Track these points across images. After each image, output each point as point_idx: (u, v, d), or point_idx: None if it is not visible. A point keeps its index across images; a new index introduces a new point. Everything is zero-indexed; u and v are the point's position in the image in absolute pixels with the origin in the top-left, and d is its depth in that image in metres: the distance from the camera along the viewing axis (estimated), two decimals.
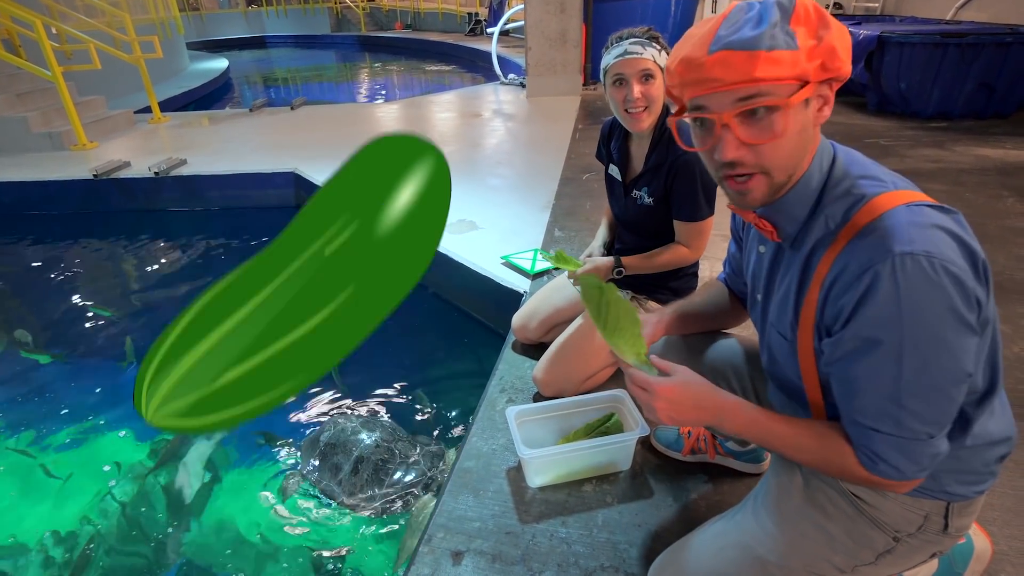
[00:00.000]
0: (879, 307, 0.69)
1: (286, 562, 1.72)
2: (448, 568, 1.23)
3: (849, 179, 0.77)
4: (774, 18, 0.68)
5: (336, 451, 1.94)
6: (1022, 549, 1.20)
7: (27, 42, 5.68)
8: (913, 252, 0.67)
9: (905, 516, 0.84)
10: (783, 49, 0.68)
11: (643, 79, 1.45)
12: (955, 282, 0.67)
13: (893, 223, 0.69)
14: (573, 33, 6.39)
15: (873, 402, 0.73)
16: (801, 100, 0.71)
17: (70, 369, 2.66)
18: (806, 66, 0.69)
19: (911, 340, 0.68)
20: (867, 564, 0.88)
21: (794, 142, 0.74)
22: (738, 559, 0.95)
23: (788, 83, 0.70)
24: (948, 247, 0.68)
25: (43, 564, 1.76)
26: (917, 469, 0.75)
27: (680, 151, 1.50)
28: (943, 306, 0.67)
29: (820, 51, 0.69)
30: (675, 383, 0.86)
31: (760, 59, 0.67)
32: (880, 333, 0.70)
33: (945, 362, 0.69)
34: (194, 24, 15.51)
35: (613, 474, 1.45)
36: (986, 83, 4.66)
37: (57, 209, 4.31)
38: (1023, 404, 1.62)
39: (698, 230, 1.58)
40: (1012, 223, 2.84)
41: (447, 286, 2.90)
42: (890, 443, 0.74)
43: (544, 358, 1.74)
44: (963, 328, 0.68)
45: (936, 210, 0.71)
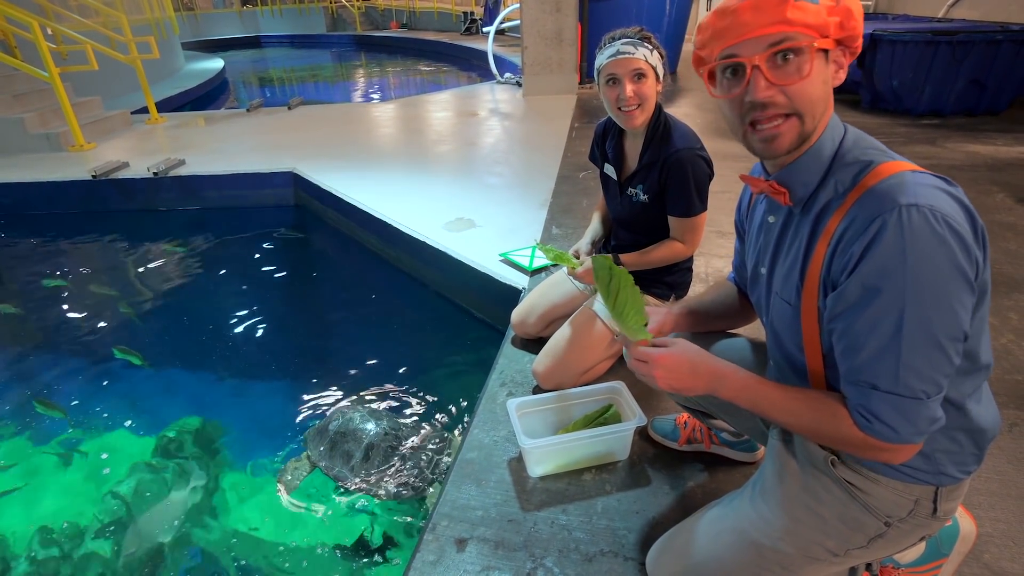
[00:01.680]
0: (884, 255, 0.70)
1: (299, 548, 1.75)
2: (453, 555, 1.26)
3: (858, 149, 0.81)
4: None
5: (346, 439, 1.99)
6: (1006, 531, 1.25)
7: (23, 43, 5.68)
8: (919, 204, 0.69)
9: (896, 501, 0.87)
10: (808, 1, 0.74)
11: (635, 78, 1.49)
12: (957, 237, 0.69)
13: (900, 180, 0.73)
14: (569, 32, 6.43)
15: (872, 356, 0.74)
16: (823, 48, 0.76)
17: (70, 368, 2.68)
18: (828, 19, 0.74)
19: (913, 289, 0.70)
20: (859, 547, 0.91)
21: (819, 90, 0.78)
22: (734, 543, 0.98)
23: (812, 32, 0.75)
24: (951, 206, 0.70)
25: (46, 562, 1.78)
26: (913, 431, 0.75)
27: (673, 148, 1.54)
28: (946, 258, 0.69)
29: (839, 10, 0.75)
30: (672, 351, 0.90)
31: (789, 3, 0.73)
32: (883, 282, 0.71)
33: (945, 315, 0.70)
34: (189, 24, 15.48)
35: (612, 463, 1.49)
36: (977, 80, 4.72)
37: (56, 209, 4.33)
38: (1010, 394, 1.67)
39: (692, 225, 1.61)
40: (1001, 218, 2.89)
41: (447, 283, 2.94)
42: (887, 401, 0.75)
43: (543, 352, 1.78)
44: (964, 283, 0.70)
45: (939, 179, 0.75)
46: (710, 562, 1.00)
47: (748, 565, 0.96)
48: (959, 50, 4.58)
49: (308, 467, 2.01)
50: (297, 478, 1.98)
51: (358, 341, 2.84)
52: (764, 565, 0.95)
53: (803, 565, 0.94)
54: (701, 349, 0.92)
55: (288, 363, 2.68)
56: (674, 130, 1.57)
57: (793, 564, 0.94)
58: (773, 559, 0.94)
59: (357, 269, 3.58)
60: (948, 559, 1.06)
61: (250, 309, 3.16)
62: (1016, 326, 1.99)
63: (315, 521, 1.84)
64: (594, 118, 5.47)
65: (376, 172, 4.10)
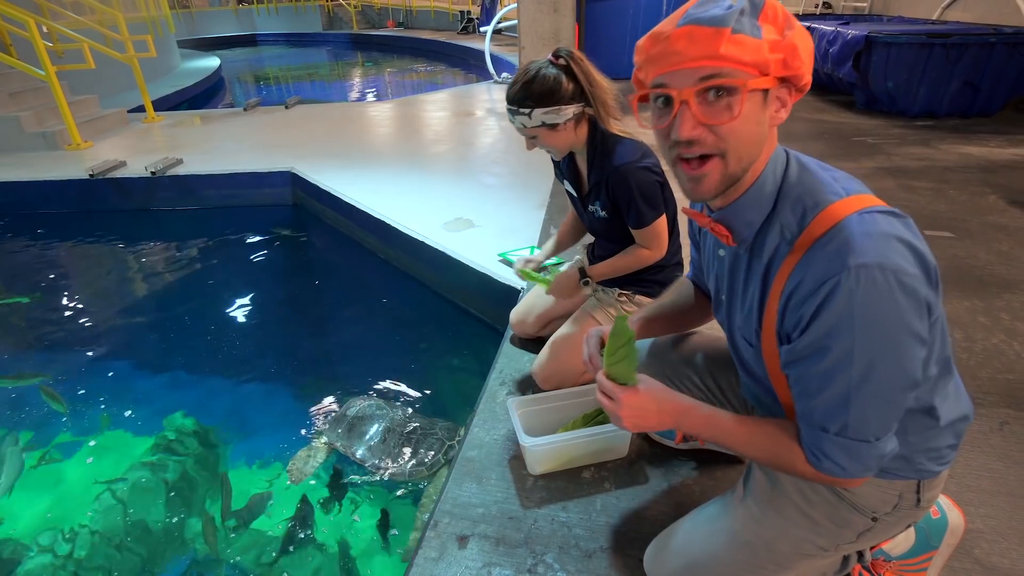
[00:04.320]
0: (833, 317, 0.71)
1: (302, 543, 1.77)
2: (454, 551, 1.28)
3: (801, 186, 0.78)
4: (743, 6, 0.70)
5: (364, 422, 2.07)
6: (996, 527, 1.28)
7: (19, 41, 5.66)
8: (867, 264, 0.69)
9: (881, 498, 0.90)
10: (748, 35, 0.69)
11: (529, 139, 1.55)
12: (906, 293, 0.69)
13: (848, 234, 0.71)
14: (566, 32, 6.44)
15: (823, 404, 0.77)
16: (760, 88, 0.72)
17: (69, 367, 2.69)
18: (768, 57, 0.70)
19: (861, 348, 0.71)
20: (849, 543, 0.95)
21: (752, 131, 0.74)
22: (728, 543, 1.00)
23: (748, 69, 0.70)
24: (901, 256, 0.70)
25: (51, 559, 1.79)
26: (861, 468, 0.79)
27: (612, 166, 1.54)
28: (894, 318, 0.69)
29: (783, 47, 0.70)
30: (639, 392, 0.90)
31: (724, 37, 0.68)
32: (833, 341, 0.72)
33: (893, 371, 0.72)
34: (185, 22, 15.42)
35: (610, 461, 1.51)
36: (971, 82, 4.77)
37: (53, 209, 4.32)
38: (1000, 392, 1.70)
39: (652, 233, 1.60)
40: (994, 219, 2.92)
41: (445, 283, 2.95)
42: (837, 444, 0.77)
43: (543, 353, 1.79)
44: (912, 339, 0.71)
45: (887, 216, 0.73)
46: (707, 560, 1.02)
47: (742, 563, 0.99)
48: (953, 52, 4.62)
49: (324, 452, 2.07)
50: (310, 466, 2.02)
51: (357, 340, 2.86)
52: (758, 563, 0.98)
53: (795, 561, 0.97)
54: (664, 386, 0.92)
55: (288, 362, 2.69)
56: (615, 147, 1.56)
57: (786, 561, 0.97)
58: (766, 557, 0.97)
59: (355, 269, 3.60)
60: (938, 552, 1.09)
61: (248, 308, 3.17)
62: (1008, 326, 2.02)
63: (317, 517, 1.86)
64: None
65: (374, 172, 4.11)
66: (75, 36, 5.65)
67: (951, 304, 2.15)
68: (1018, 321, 2.04)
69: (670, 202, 1.63)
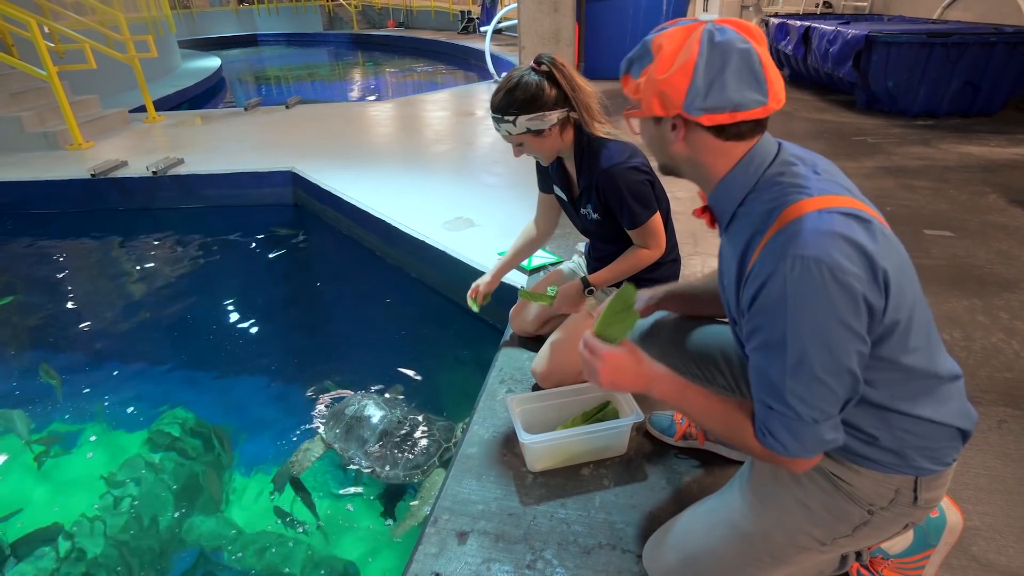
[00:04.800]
0: (770, 300, 0.79)
1: (304, 537, 1.78)
2: (454, 547, 1.29)
3: (777, 185, 0.85)
4: (636, 53, 0.88)
5: (361, 424, 2.08)
6: (993, 524, 1.28)
7: (20, 41, 5.67)
8: (804, 256, 0.75)
9: (877, 491, 0.91)
10: (629, 75, 0.88)
11: (516, 146, 1.57)
12: (841, 287, 0.74)
13: (798, 229, 0.78)
14: (566, 32, 6.44)
15: (765, 380, 0.83)
16: (640, 115, 0.89)
17: (71, 365, 2.70)
18: (637, 95, 0.87)
19: (793, 332, 0.77)
20: (845, 536, 0.95)
21: (647, 142, 0.95)
22: (726, 535, 1.01)
23: (632, 100, 0.89)
24: (842, 253, 0.75)
25: (54, 554, 1.80)
26: (800, 448, 0.83)
27: (600, 167, 1.55)
28: (824, 307, 0.75)
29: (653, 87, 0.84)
30: (621, 352, 0.97)
31: (622, 78, 0.90)
32: (768, 321, 0.80)
33: (823, 356, 0.77)
34: (185, 22, 15.43)
35: (609, 459, 1.51)
36: (971, 82, 4.76)
37: (55, 208, 4.33)
38: (999, 391, 1.71)
39: (648, 231, 1.60)
40: (994, 219, 2.93)
41: (445, 282, 2.96)
42: (780, 421, 0.83)
43: (542, 352, 1.80)
44: (843, 329, 0.76)
45: (845, 217, 0.78)
46: (704, 553, 1.03)
47: (740, 555, 0.99)
48: (953, 52, 4.62)
49: (321, 449, 2.08)
50: (308, 459, 2.04)
51: (356, 339, 2.86)
52: (755, 555, 0.98)
53: (792, 554, 0.98)
54: (645, 355, 0.98)
55: (288, 360, 2.70)
56: (601, 149, 1.56)
57: (783, 553, 0.98)
58: (763, 549, 0.98)
59: (356, 268, 3.61)
60: (936, 550, 1.09)
61: (249, 307, 3.18)
62: (1007, 325, 2.02)
63: (319, 512, 1.87)
64: None
65: (375, 171, 4.12)
66: (76, 36, 5.67)
67: (950, 303, 2.15)
68: (1017, 320, 2.05)
69: (662, 199, 1.63)
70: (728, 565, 1.00)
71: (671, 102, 0.83)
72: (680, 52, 0.81)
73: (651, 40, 0.84)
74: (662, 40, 0.83)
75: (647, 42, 0.85)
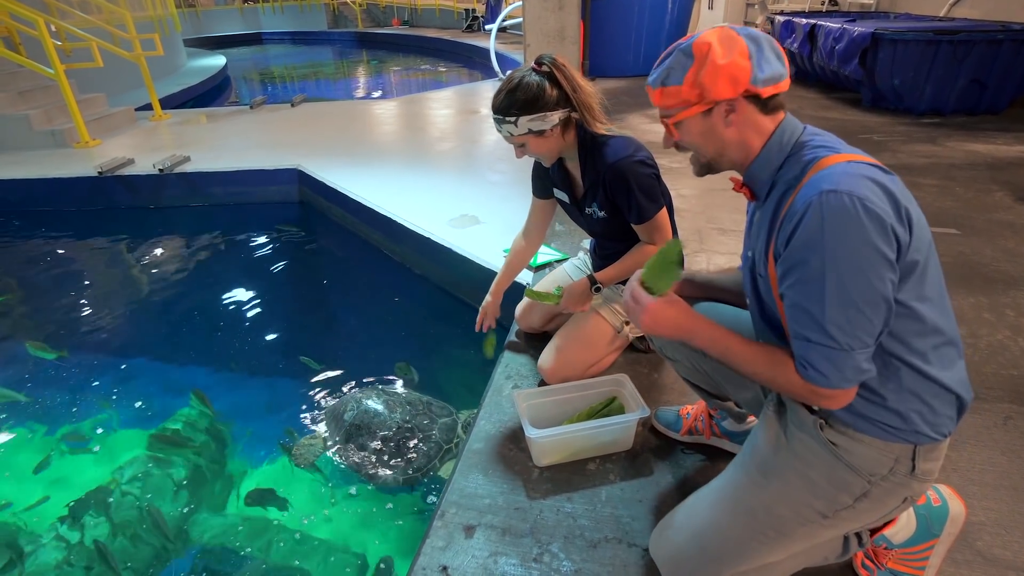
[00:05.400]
0: (808, 232, 0.85)
1: (309, 533, 1.80)
2: (461, 541, 1.30)
3: (807, 148, 0.95)
4: (673, 66, 0.97)
5: (361, 432, 2.07)
6: (998, 519, 1.29)
7: (27, 40, 5.70)
8: (837, 190, 0.83)
9: (877, 459, 0.94)
10: (673, 85, 0.97)
11: (518, 147, 1.57)
12: (871, 216, 0.82)
13: (830, 172, 0.87)
14: (571, 30, 6.44)
15: (804, 313, 0.88)
16: (694, 114, 0.98)
17: (77, 362, 2.72)
18: (687, 96, 0.96)
19: (831, 260, 0.83)
20: (846, 508, 0.97)
21: (698, 139, 1.01)
22: (731, 510, 1.04)
23: (675, 108, 0.99)
24: (870, 190, 0.83)
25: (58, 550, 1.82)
26: (840, 378, 0.88)
27: (607, 162, 1.54)
28: (858, 234, 0.82)
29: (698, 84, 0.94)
30: (663, 303, 1.05)
31: (657, 92, 1.00)
32: (807, 254, 0.86)
33: (860, 282, 0.83)
34: (191, 21, 15.48)
35: (615, 453, 1.52)
36: (978, 80, 4.74)
37: (63, 206, 4.36)
38: (1005, 388, 1.71)
39: (654, 226, 1.61)
40: (1000, 216, 2.92)
41: (451, 279, 2.97)
42: (819, 352, 0.88)
43: (548, 348, 1.81)
44: (877, 256, 0.83)
45: (871, 166, 0.87)
46: (709, 530, 1.05)
47: (745, 530, 1.01)
48: (960, 49, 4.60)
49: (322, 446, 2.09)
50: (312, 454, 2.06)
51: (362, 335, 2.88)
52: (759, 529, 1.00)
53: (795, 528, 0.99)
54: (691, 309, 1.06)
55: (293, 356, 2.71)
56: (605, 145, 1.56)
57: (786, 527, 1.00)
58: (767, 523, 1.00)
59: (361, 265, 3.62)
60: (939, 540, 1.10)
61: (254, 304, 3.20)
62: (1013, 322, 2.02)
63: (325, 505, 1.89)
64: None
65: (380, 169, 4.13)
66: (83, 35, 5.70)
67: (955, 300, 2.15)
68: (1023, 317, 2.05)
69: (666, 195, 1.64)
70: (733, 541, 1.02)
71: (739, 80, 0.93)
72: (727, 43, 0.93)
73: (689, 47, 0.95)
74: (699, 44, 0.94)
75: (684, 51, 0.96)
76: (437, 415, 2.15)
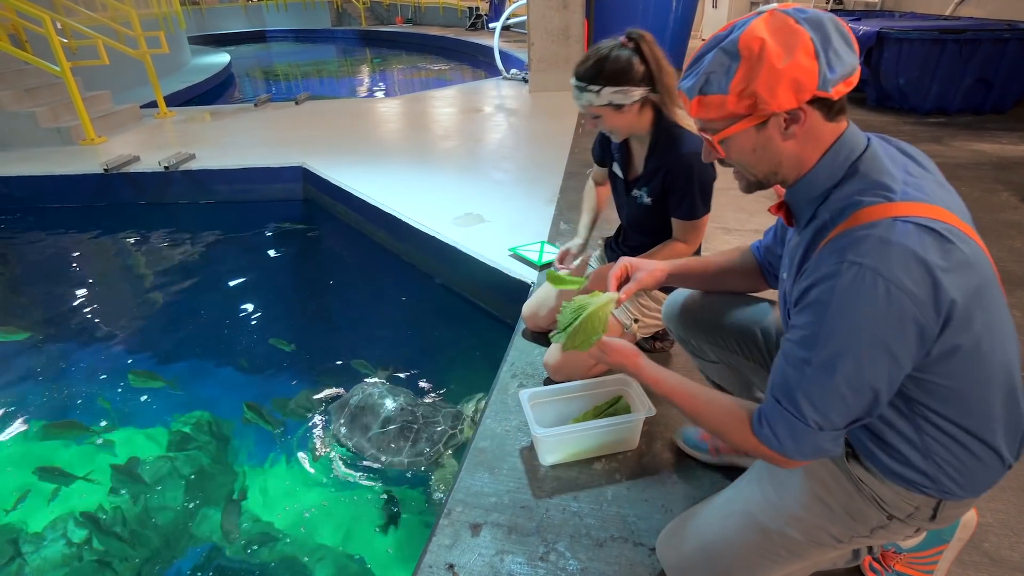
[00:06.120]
0: (818, 298, 0.77)
1: (314, 530, 1.80)
2: (467, 539, 1.30)
3: (858, 184, 0.81)
4: (713, 69, 0.80)
5: (365, 412, 2.10)
6: (1005, 521, 1.28)
7: (34, 37, 5.72)
8: (863, 264, 0.72)
9: (898, 504, 0.90)
10: (715, 93, 0.81)
11: (591, 116, 1.55)
12: (892, 306, 0.71)
13: (866, 234, 0.74)
14: (576, 28, 6.43)
15: (783, 376, 0.83)
16: (744, 128, 0.82)
17: (84, 360, 2.73)
18: (734, 107, 0.81)
19: (826, 337, 0.76)
20: (862, 536, 0.95)
21: (747, 156, 0.87)
22: (743, 526, 1.01)
23: (718, 121, 0.84)
24: (906, 273, 0.71)
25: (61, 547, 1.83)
26: (795, 450, 0.83)
27: (679, 152, 1.55)
28: (868, 322, 0.73)
29: (748, 94, 0.79)
30: (616, 345, 1.15)
31: (695, 102, 0.84)
32: (808, 320, 0.79)
33: (849, 369, 0.76)
34: (195, 18, 15.50)
35: (621, 453, 1.52)
36: (984, 79, 4.72)
37: (69, 203, 4.38)
38: None
39: (695, 227, 1.62)
40: (1006, 216, 2.91)
41: (456, 278, 2.97)
42: (784, 419, 0.82)
43: (554, 345, 1.81)
44: (880, 351, 0.74)
45: (922, 231, 0.72)
46: (718, 543, 1.04)
47: (755, 547, 0.99)
48: (966, 48, 4.58)
49: (329, 442, 2.10)
50: (319, 449, 2.07)
51: (366, 334, 2.88)
52: (771, 548, 0.98)
53: (808, 549, 0.97)
54: (630, 350, 1.12)
55: (297, 352, 2.72)
56: (682, 136, 1.57)
57: (799, 548, 0.97)
58: (779, 543, 0.97)
59: (365, 263, 3.63)
60: (949, 545, 1.10)
61: (258, 301, 3.21)
62: (1019, 323, 2.01)
63: (333, 502, 1.89)
64: None
65: (384, 167, 4.13)
66: (89, 32, 5.71)
67: None
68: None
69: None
70: (743, 557, 1.00)
71: (804, 86, 0.77)
72: (786, 37, 0.76)
73: (734, 45, 0.78)
74: (748, 39, 0.77)
75: (726, 50, 0.79)
76: (440, 406, 2.17)
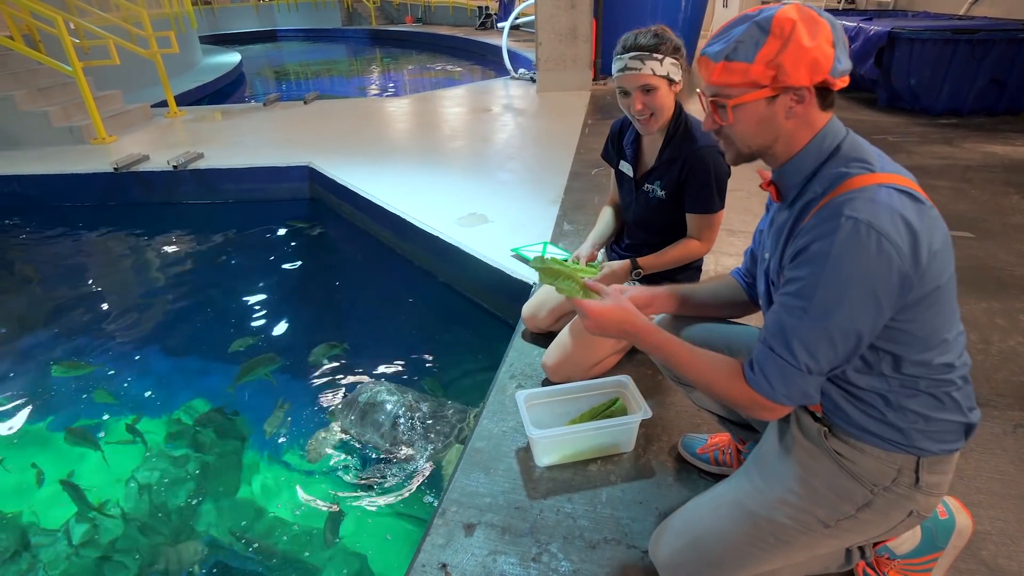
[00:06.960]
0: (816, 251, 0.84)
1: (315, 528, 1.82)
2: (461, 539, 1.31)
3: (843, 161, 0.90)
4: (743, 38, 0.86)
5: (375, 409, 2.12)
6: (1004, 529, 1.27)
7: (46, 37, 5.80)
8: (859, 218, 0.81)
9: (880, 469, 0.94)
10: (741, 61, 0.87)
11: (644, 91, 1.52)
12: (881, 256, 0.80)
13: (856, 195, 0.83)
14: (583, 28, 6.42)
15: (778, 323, 0.89)
16: (757, 99, 0.88)
17: (94, 353, 2.77)
18: (757, 76, 0.87)
19: (824, 285, 0.83)
20: (848, 517, 0.96)
21: (752, 128, 0.92)
22: (731, 515, 1.03)
23: (738, 88, 0.89)
24: (892, 226, 0.80)
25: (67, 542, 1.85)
26: (784, 394, 0.90)
27: (696, 145, 1.55)
28: (861, 269, 0.81)
29: (774, 65, 0.85)
30: (603, 306, 1.08)
31: (719, 67, 0.89)
32: (805, 273, 0.85)
33: (842, 314, 0.83)
34: (206, 18, 15.63)
35: (617, 455, 1.52)
36: (997, 80, 4.66)
37: (80, 201, 4.44)
38: (1015, 395, 1.69)
39: (710, 222, 1.63)
40: (1016, 220, 2.87)
41: (458, 277, 2.98)
42: (777, 364, 0.89)
43: (553, 346, 1.81)
44: (870, 297, 0.82)
45: (903, 195, 0.83)
46: (709, 535, 1.04)
47: (745, 536, 1.00)
48: (979, 48, 4.52)
49: (335, 437, 2.12)
50: (324, 447, 2.09)
51: (370, 332, 2.90)
52: (759, 535, 0.99)
53: (796, 535, 0.98)
54: (631, 307, 1.09)
55: (303, 350, 2.74)
56: (696, 128, 1.59)
57: (786, 534, 0.99)
58: (767, 529, 0.99)
59: (370, 262, 3.64)
60: (944, 552, 1.09)
61: (266, 299, 3.23)
62: None
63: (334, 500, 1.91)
64: (608, 115, 5.48)
65: (390, 167, 4.15)
66: (101, 33, 5.78)
67: (968, 305, 2.12)
68: None
69: None
70: (732, 546, 1.01)
71: (820, 68, 0.85)
72: (812, 24, 0.85)
73: (768, 20, 0.85)
74: (781, 19, 0.84)
75: (760, 24, 0.85)
76: (445, 403, 2.19)
